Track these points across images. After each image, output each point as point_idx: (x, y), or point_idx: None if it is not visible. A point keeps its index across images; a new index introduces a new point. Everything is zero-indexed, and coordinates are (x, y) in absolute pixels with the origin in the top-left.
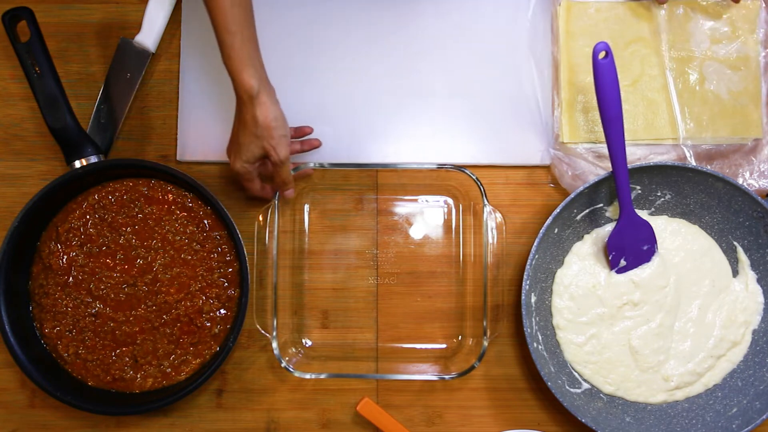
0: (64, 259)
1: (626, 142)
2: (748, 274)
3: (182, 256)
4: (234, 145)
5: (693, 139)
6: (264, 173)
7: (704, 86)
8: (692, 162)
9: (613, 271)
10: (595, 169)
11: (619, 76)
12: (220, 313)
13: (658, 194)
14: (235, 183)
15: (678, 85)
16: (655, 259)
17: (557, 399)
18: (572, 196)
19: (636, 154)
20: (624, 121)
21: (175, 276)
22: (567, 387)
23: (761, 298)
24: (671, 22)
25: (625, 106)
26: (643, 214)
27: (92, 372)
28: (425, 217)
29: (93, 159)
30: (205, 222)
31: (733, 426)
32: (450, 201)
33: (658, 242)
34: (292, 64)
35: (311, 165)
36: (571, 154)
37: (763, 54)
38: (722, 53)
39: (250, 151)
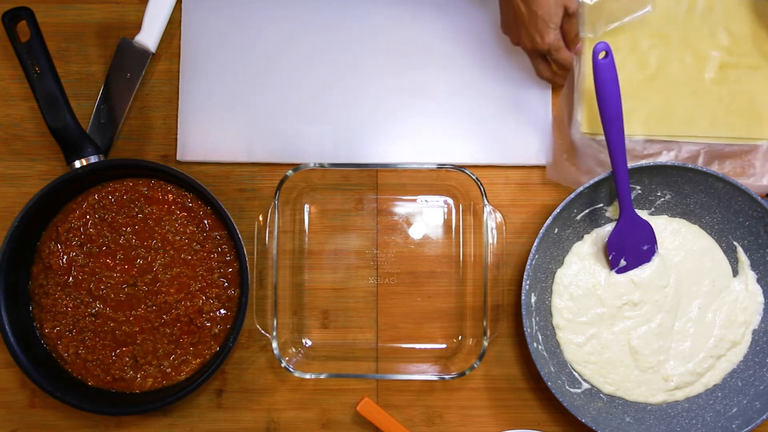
0: (64, 259)
1: (637, 137)
2: (748, 274)
3: (182, 256)
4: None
5: (706, 138)
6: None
7: (719, 86)
8: (702, 162)
9: (613, 271)
10: (596, 168)
11: (634, 70)
12: (220, 313)
13: (658, 194)
14: (234, 183)
15: (693, 84)
16: (655, 259)
17: (557, 399)
18: (572, 196)
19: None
20: (634, 116)
21: (175, 276)
22: (567, 387)
23: (761, 298)
24: (689, 21)
25: (633, 102)
26: (643, 214)
27: (92, 372)
28: (425, 217)
29: (93, 159)
30: (205, 222)
31: (733, 426)
32: (450, 201)
33: (658, 242)
34: (292, 63)
35: (311, 165)
36: (587, 146)
37: None
38: (739, 53)
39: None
